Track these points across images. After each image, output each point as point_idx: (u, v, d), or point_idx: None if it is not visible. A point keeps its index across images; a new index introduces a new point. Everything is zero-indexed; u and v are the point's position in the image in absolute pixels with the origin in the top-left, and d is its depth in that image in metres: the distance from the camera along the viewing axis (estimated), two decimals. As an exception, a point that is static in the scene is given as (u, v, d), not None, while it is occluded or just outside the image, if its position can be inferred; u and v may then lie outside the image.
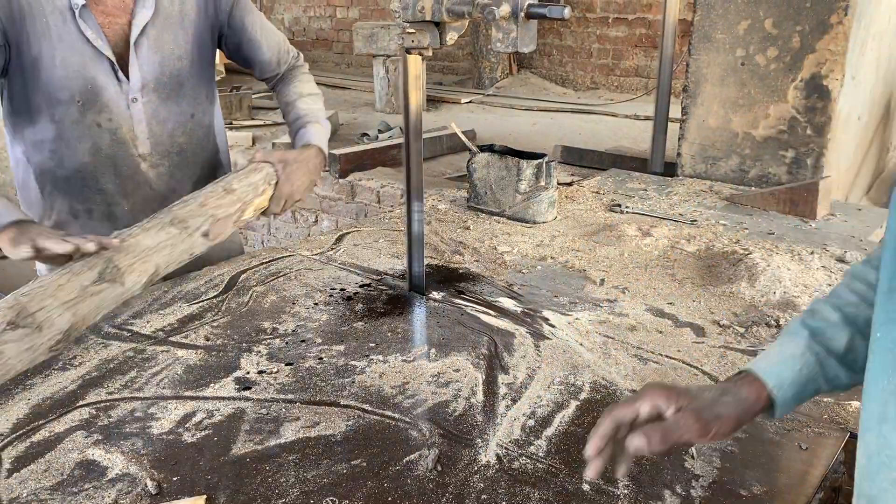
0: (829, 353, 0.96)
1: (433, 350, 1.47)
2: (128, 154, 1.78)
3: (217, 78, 2.04)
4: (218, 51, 1.99)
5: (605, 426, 0.94)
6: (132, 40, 1.69)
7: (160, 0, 1.71)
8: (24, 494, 1.05)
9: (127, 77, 1.71)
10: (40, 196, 1.80)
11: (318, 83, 2.10)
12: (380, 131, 5.14)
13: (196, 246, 1.60)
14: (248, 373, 1.38)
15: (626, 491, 1.07)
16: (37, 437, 1.18)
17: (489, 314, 1.64)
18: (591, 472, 0.92)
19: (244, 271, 1.85)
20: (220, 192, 1.64)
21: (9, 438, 1.18)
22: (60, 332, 1.30)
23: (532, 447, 1.16)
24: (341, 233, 2.17)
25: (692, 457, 1.14)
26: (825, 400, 1.31)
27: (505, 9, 1.32)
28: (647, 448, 0.90)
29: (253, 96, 6.16)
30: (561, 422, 1.23)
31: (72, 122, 1.70)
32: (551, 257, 1.99)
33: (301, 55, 2.10)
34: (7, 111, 1.73)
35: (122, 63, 1.70)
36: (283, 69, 2.02)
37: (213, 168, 1.99)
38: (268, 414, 1.25)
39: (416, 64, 1.55)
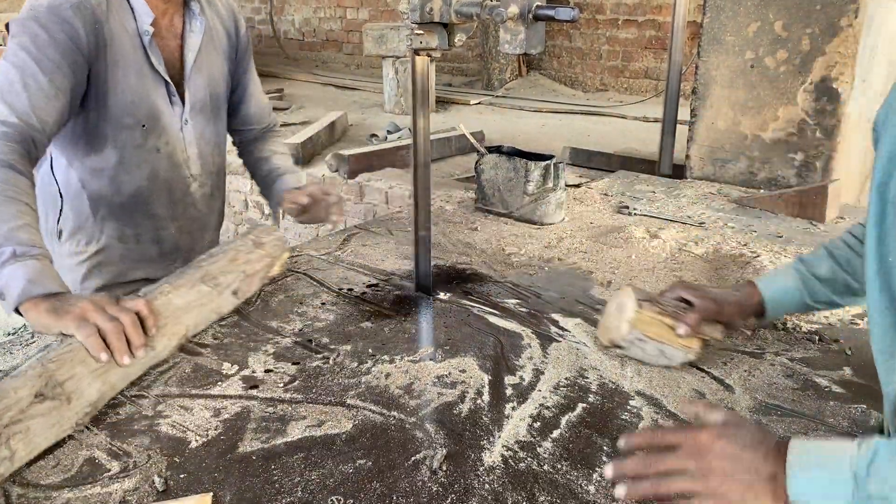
0: (812, 276, 1.36)
1: (440, 350, 1.48)
2: (181, 176, 1.81)
3: None
4: None
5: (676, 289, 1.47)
6: (188, 65, 1.73)
7: (206, 24, 1.75)
8: (33, 491, 1.06)
9: (182, 100, 1.74)
10: (92, 220, 1.78)
11: (328, 84, 2.13)
12: (388, 132, 5.14)
13: (225, 305, 1.58)
14: (255, 372, 1.39)
15: (631, 493, 1.07)
16: (46, 434, 1.19)
17: (496, 315, 1.64)
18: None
19: (252, 271, 1.86)
20: (249, 245, 1.66)
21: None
22: (89, 405, 1.23)
23: (538, 448, 1.17)
24: (349, 233, 2.18)
25: None
26: (831, 403, 1.30)
27: (513, 10, 1.32)
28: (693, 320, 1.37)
29: (262, 97, 6.17)
30: (567, 423, 1.23)
31: (134, 148, 1.71)
32: (559, 259, 1.99)
33: (279, 121, 2.19)
34: (68, 139, 1.70)
35: (176, 86, 1.73)
36: (260, 127, 2.07)
37: (225, 196, 2.07)
38: (274, 413, 1.25)
39: (424, 65, 1.56)
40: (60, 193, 1.77)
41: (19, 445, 1.10)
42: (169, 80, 1.70)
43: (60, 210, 1.79)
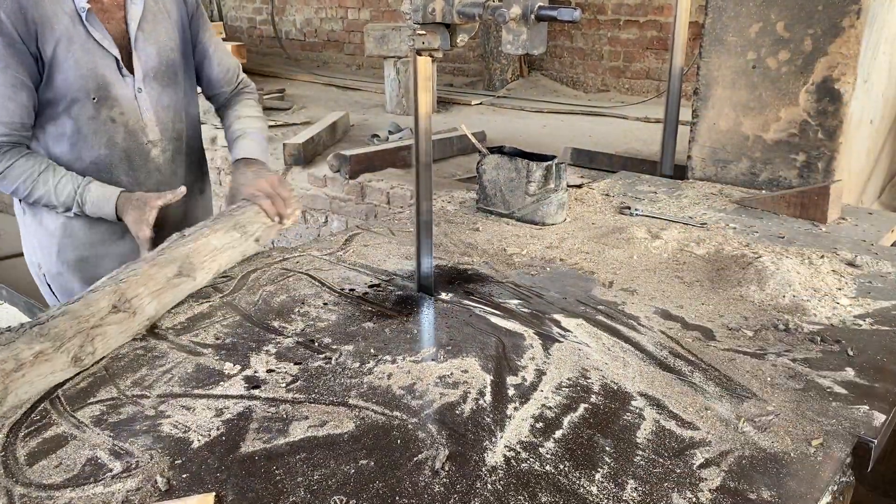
0: None
1: (441, 351, 1.48)
2: (139, 143, 1.90)
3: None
4: (228, 49, 2.12)
5: None
6: (132, 35, 1.80)
7: None
8: (35, 490, 1.06)
9: (131, 71, 1.82)
10: None
11: (329, 84, 2.17)
12: (390, 132, 5.15)
13: (249, 249, 1.87)
14: (257, 372, 1.39)
15: (633, 494, 1.07)
16: (48, 434, 1.19)
17: (498, 315, 1.64)
18: None
19: (254, 270, 1.86)
20: (257, 209, 1.87)
21: (21, 434, 1.19)
22: (147, 319, 1.50)
23: (541, 449, 1.17)
24: (351, 233, 2.18)
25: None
26: (833, 404, 1.30)
27: (515, 11, 1.32)
28: None
29: (264, 97, 6.19)
30: (570, 424, 1.23)
31: (88, 119, 1.81)
32: (560, 259, 1.99)
33: (252, 84, 2.22)
34: None
35: (124, 57, 1.81)
36: (229, 89, 2.12)
37: (200, 155, 2.14)
38: (276, 413, 1.25)
39: (426, 65, 1.56)
40: None
41: (98, 345, 1.38)
42: (118, 52, 1.78)
43: None
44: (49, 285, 2.01)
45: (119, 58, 1.80)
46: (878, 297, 1.73)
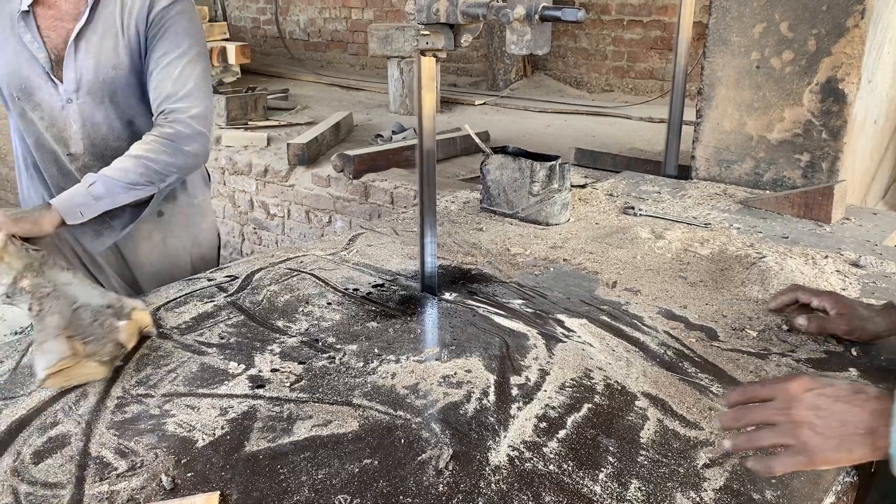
0: None
1: (445, 350, 1.48)
2: (61, 152, 1.89)
3: (232, 79, 2.09)
4: (232, 49, 2.07)
5: (789, 294, 1.57)
6: (68, 46, 1.79)
7: (100, 10, 1.78)
8: (41, 489, 1.06)
9: (60, 79, 1.80)
10: (25, 174, 2.00)
11: (333, 84, 2.12)
12: (394, 132, 5.15)
13: None
14: (261, 371, 1.39)
15: (637, 493, 1.07)
16: (54, 432, 1.20)
17: (501, 315, 1.64)
18: (773, 304, 1.60)
19: (258, 270, 1.86)
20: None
21: (26, 432, 1.20)
22: None
23: (544, 449, 1.17)
24: (355, 233, 2.18)
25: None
26: (838, 404, 1.30)
27: (519, 11, 1.32)
28: (806, 325, 1.49)
29: (268, 97, 6.20)
30: (573, 424, 1.24)
31: (19, 115, 1.87)
32: (564, 259, 1.99)
33: (182, 122, 1.79)
34: None
35: (60, 65, 1.80)
36: (155, 112, 1.82)
37: None
38: (281, 412, 1.26)
39: (430, 66, 1.56)
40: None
41: None
42: (47, 58, 1.78)
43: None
44: None
45: (50, 64, 1.78)
46: (882, 297, 1.73)
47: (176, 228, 2.06)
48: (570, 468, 1.12)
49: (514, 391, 1.33)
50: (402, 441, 1.18)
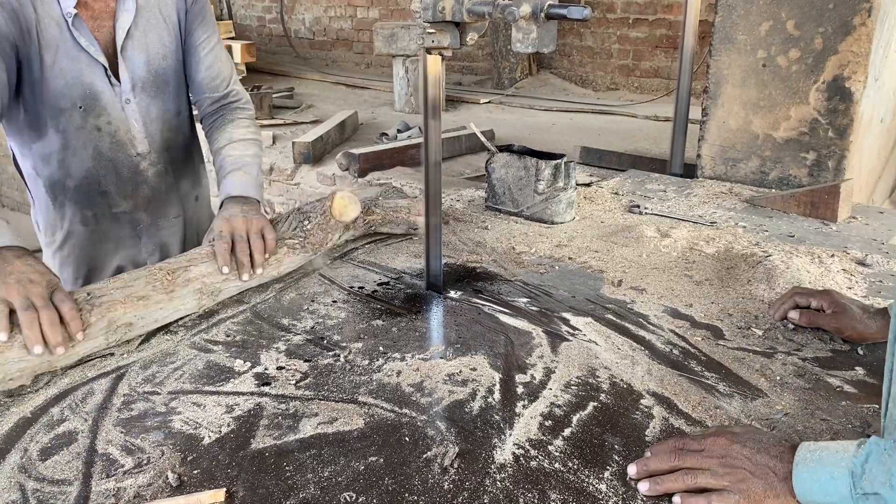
0: None
1: (450, 349, 1.48)
2: (126, 155, 1.84)
3: (238, 77, 2.08)
4: (238, 48, 2.07)
5: (788, 300, 1.56)
6: (118, 44, 1.73)
7: (140, 3, 1.74)
8: (48, 486, 1.07)
9: (118, 80, 1.76)
10: (53, 208, 1.85)
11: (338, 83, 2.12)
12: (399, 131, 5.15)
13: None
14: (267, 369, 1.40)
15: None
16: (60, 429, 1.20)
17: (506, 313, 1.64)
18: (776, 315, 1.58)
19: (264, 269, 1.87)
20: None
21: (33, 429, 1.20)
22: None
23: (550, 447, 1.17)
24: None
25: None
26: (843, 403, 1.30)
27: (525, 9, 1.32)
28: (797, 318, 1.52)
29: (273, 96, 6.20)
30: (578, 422, 1.24)
31: (75, 129, 1.75)
32: (569, 258, 1.99)
33: (250, 101, 2.05)
34: (14, 129, 1.75)
35: (112, 66, 1.75)
36: (213, 97, 1.95)
37: (195, 162, 2.06)
38: (286, 410, 1.26)
39: (435, 64, 1.56)
40: (27, 185, 1.85)
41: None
42: (105, 60, 1.71)
43: (33, 201, 1.88)
44: None
45: (107, 66, 1.72)
46: (888, 296, 1.72)
47: (199, 218, 2.11)
48: (575, 466, 1.12)
49: (520, 389, 1.33)
50: (408, 439, 1.19)
